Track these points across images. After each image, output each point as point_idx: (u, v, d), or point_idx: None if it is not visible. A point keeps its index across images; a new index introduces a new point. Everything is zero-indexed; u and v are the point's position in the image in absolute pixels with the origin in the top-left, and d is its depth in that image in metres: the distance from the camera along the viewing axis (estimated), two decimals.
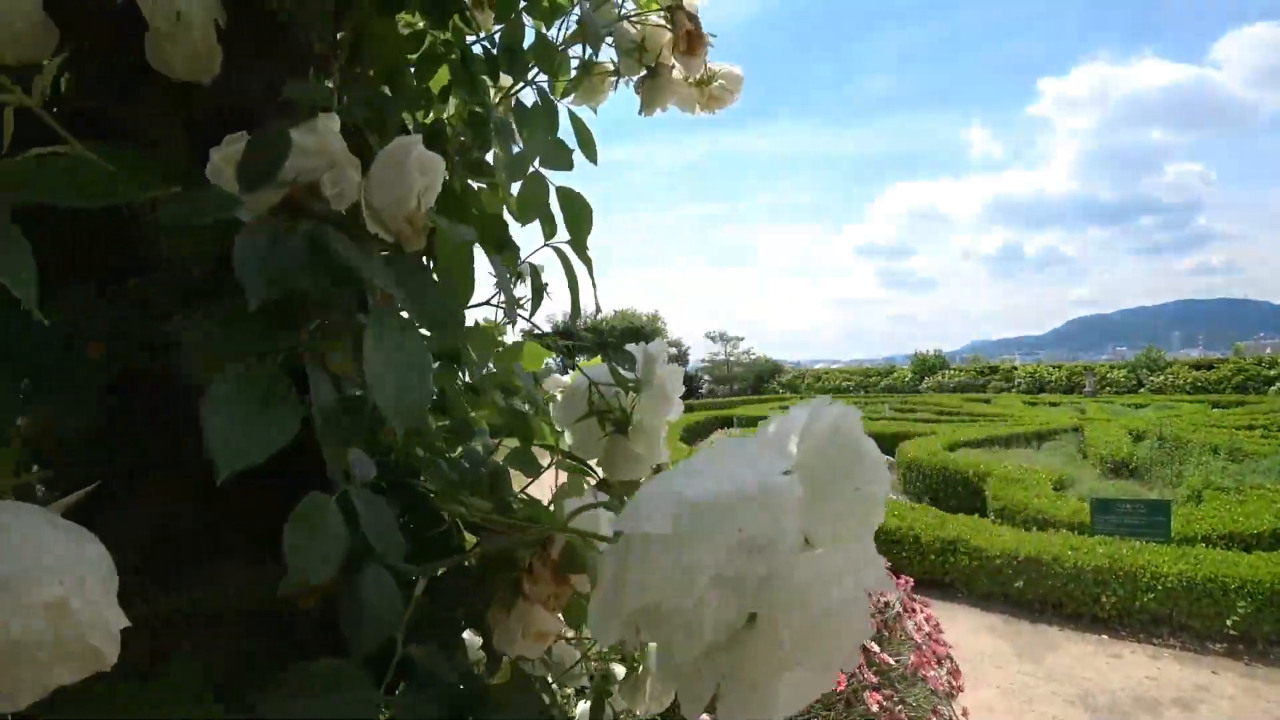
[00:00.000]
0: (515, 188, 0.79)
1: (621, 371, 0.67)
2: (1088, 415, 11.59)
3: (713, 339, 28.87)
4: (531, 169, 0.84)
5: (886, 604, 1.94)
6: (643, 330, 21.93)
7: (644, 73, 0.84)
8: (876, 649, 1.60)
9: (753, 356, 28.48)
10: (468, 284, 0.48)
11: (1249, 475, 6.35)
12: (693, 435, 12.78)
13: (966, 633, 3.94)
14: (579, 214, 0.80)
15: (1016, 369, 21.66)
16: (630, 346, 0.69)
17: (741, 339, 28.54)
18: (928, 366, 23.07)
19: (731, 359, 28.42)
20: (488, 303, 0.76)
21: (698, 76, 0.86)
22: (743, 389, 26.49)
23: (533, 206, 0.82)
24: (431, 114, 1.00)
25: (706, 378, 27.81)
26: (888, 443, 9.27)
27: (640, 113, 0.87)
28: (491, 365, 0.88)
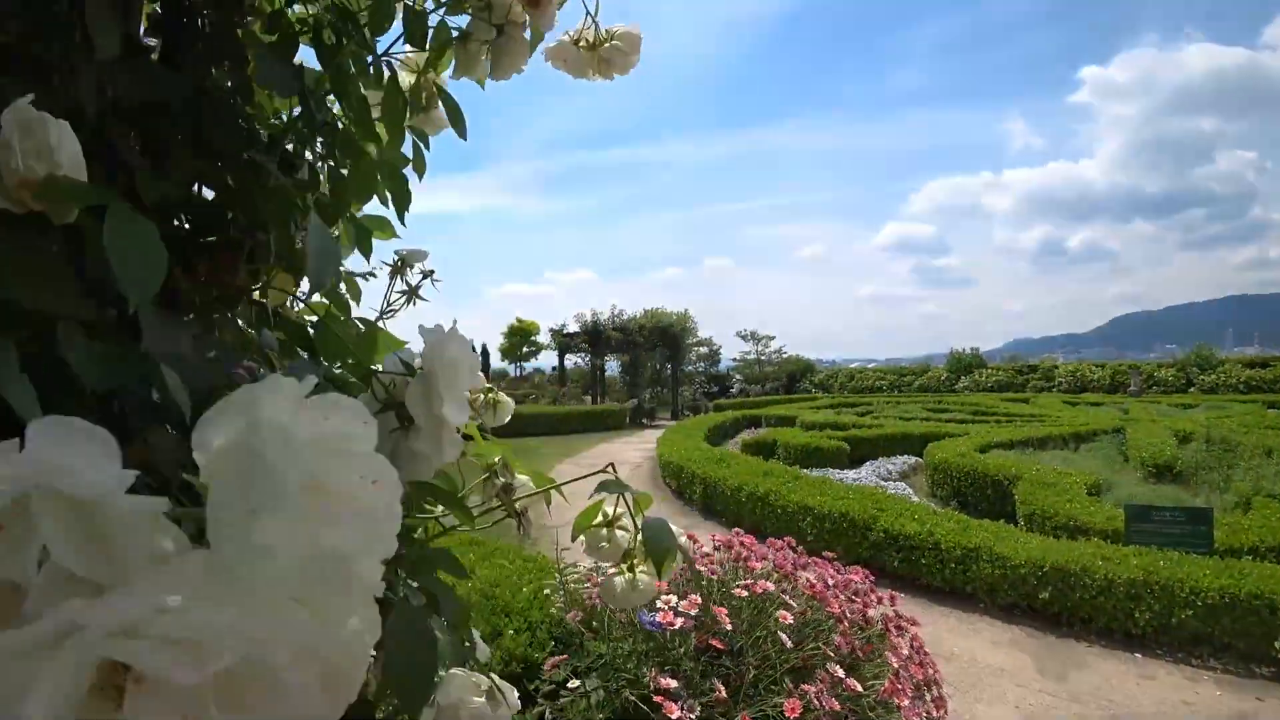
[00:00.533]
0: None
1: (401, 359, 0.58)
2: (1131, 416, 11.08)
3: (744, 338, 28.54)
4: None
5: (867, 619, 1.79)
6: (671, 329, 21.71)
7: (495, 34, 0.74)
8: (842, 674, 1.45)
9: (785, 355, 28.10)
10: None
11: None
12: (720, 435, 12.59)
13: (986, 646, 3.73)
14: (401, 192, 0.75)
15: (1057, 368, 20.88)
16: (420, 328, 0.60)
17: (773, 338, 28.17)
18: (964, 365, 22.38)
19: (763, 358, 28.08)
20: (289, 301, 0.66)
21: (559, 32, 0.75)
22: (775, 388, 26.17)
23: (363, 185, 0.75)
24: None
25: (738, 377, 27.51)
26: (917, 444, 8.98)
27: (490, 76, 0.76)
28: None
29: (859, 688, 1.44)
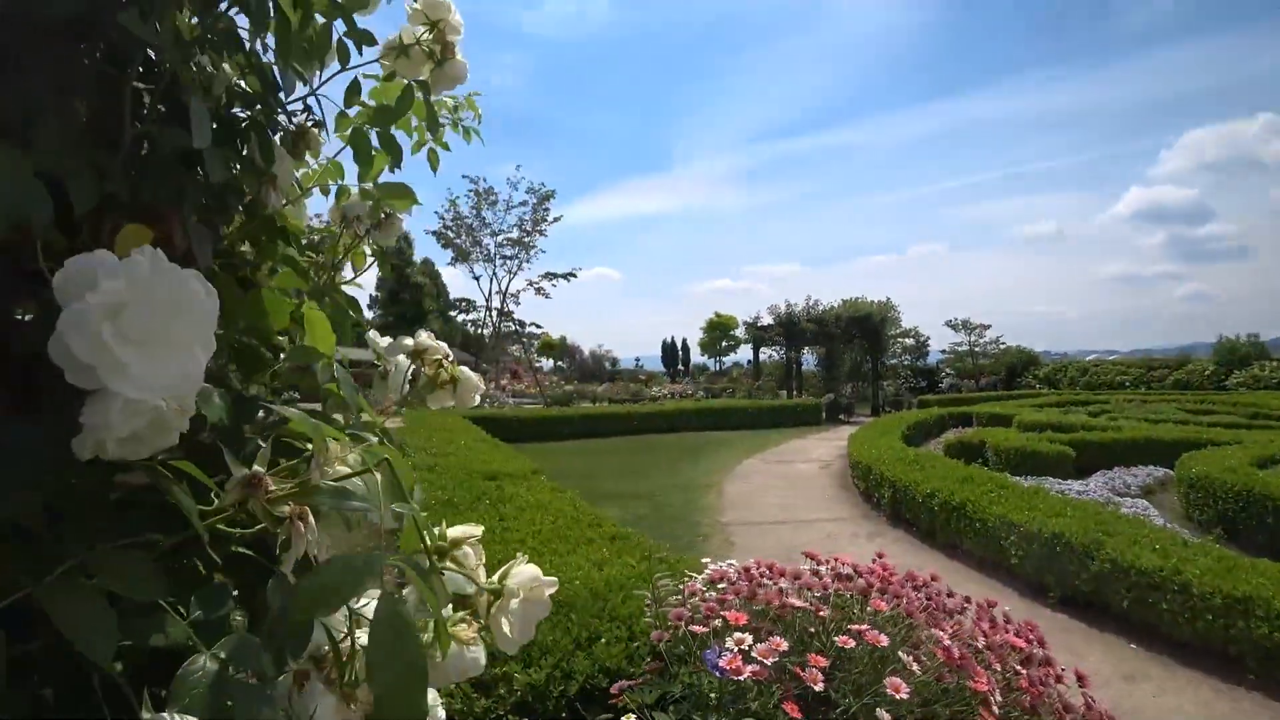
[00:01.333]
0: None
1: None
2: None
3: (954, 327, 25.96)
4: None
5: (1035, 706, 1.25)
6: (870, 319, 20.24)
7: None
8: None
9: (1003, 346, 25.10)
10: None
11: None
12: (921, 434, 11.40)
13: None
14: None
15: None
16: None
17: (988, 326, 25.27)
18: (1238, 356, 18.10)
19: (976, 349, 25.35)
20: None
21: None
22: (991, 383, 23.53)
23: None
24: None
25: (948, 370, 25.12)
26: (1168, 452, 7.38)
27: None
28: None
29: None
